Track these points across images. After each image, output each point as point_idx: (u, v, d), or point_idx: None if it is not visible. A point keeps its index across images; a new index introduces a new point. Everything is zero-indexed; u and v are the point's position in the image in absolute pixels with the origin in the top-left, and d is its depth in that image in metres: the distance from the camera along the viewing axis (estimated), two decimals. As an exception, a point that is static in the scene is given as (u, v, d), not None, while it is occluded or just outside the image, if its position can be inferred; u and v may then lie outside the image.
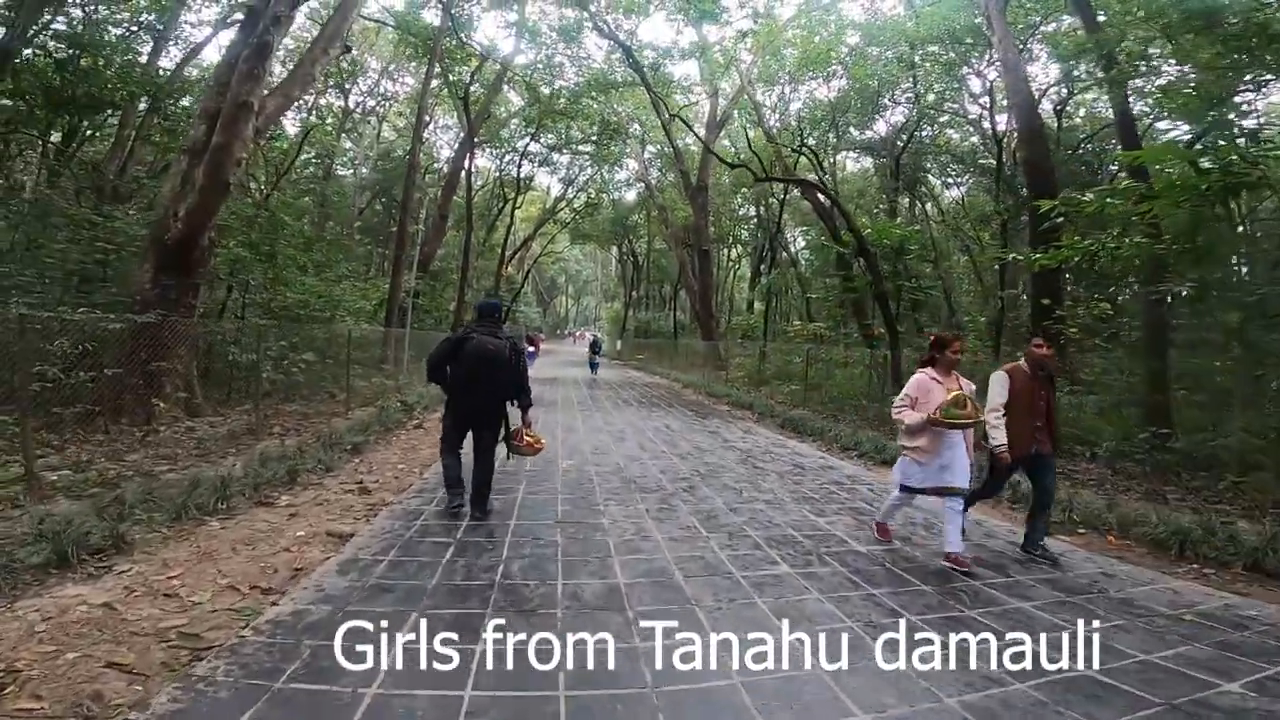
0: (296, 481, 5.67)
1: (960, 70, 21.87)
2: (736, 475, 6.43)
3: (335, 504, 5.09)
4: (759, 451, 7.98)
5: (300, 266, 12.74)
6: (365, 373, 14.38)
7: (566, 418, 10.77)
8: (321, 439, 7.48)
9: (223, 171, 8.11)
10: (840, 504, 5.47)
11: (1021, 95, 15.53)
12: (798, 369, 19.17)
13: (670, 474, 6.37)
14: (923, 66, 22.15)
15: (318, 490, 5.51)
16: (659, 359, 30.48)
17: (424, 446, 7.77)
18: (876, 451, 8.23)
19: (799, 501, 5.45)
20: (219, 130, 8.25)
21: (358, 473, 6.29)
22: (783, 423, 11.07)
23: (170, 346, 7.89)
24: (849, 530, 4.65)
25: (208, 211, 8.08)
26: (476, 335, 4.58)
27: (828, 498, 5.68)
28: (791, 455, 7.91)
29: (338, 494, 5.43)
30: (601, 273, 68.69)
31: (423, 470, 6.45)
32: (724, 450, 7.95)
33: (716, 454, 7.64)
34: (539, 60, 24.64)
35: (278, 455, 6.49)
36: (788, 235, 31.71)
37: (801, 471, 6.85)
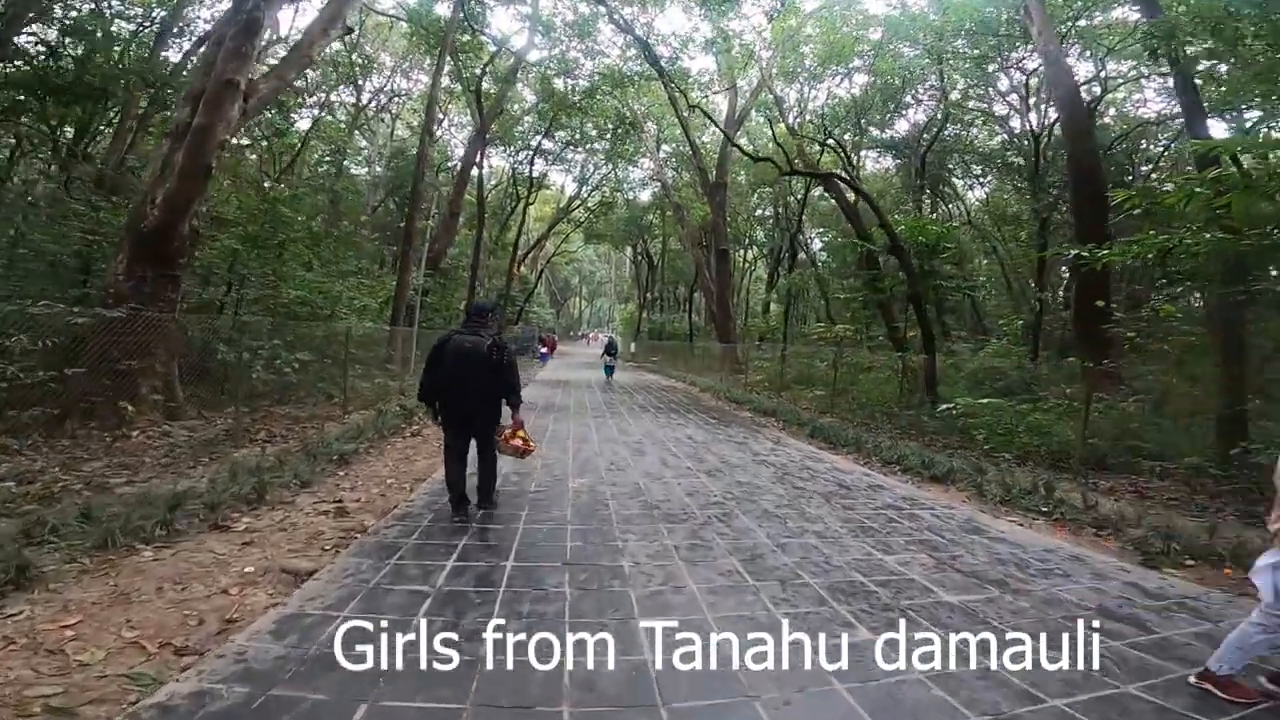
0: (265, 499, 4.90)
1: (990, 65, 20.98)
2: (776, 498, 5.55)
3: (303, 529, 4.31)
4: (794, 467, 7.10)
5: (305, 263, 12.07)
6: (369, 373, 13.69)
7: (578, 426, 9.89)
8: (307, 447, 6.74)
9: (203, 155, 7.41)
10: (906, 536, 4.58)
11: (1065, 87, 14.60)
12: (820, 373, 18.24)
13: (699, 496, 5.48)
14: (950, 61, 21.29)
15: (287, 511, 4.74)
16: (674, 361, 29.62)
17: (419, 457, 6.99)
18: (924, 467, 7.34)
19: (857, 534, 4.57)
20: (201, 110, 7.56)
21: (339, 489, 5.51)
22: (812, 432, 10.18)
23: (145, 344, 7.19)
24: (927, 573, 3.77)
25: (187, 197, 7.37)
26: (455, 335, 4.57)
27: (889, 528, 4.79)
28: (831, 471, 7.03)
29: (309, 516, 4.65)
30: (615, 274, 68.01)
31: (414, 486, 5.66)
32: (756, 466, 7.07)
33: (748, 470, 6.76)
34: (553, 55, 23.93)
35: (252, 466, 5.74)
36: (804, 236, 30.77)
37: (848, 493, 5.97)
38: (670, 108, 25.83)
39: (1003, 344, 15.61)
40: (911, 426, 11.09)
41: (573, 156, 32.51)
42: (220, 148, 7.71)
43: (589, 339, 67.78)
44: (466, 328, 4.65)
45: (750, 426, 10.82)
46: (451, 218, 21.80)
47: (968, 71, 21.69)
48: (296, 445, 7.04)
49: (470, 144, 22.84)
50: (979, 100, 23.60)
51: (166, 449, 6.81)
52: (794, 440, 9.42)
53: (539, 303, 51.46)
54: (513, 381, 4.58)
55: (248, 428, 7.99)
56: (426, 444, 7.77)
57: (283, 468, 5.89)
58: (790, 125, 23.12)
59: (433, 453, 7.32)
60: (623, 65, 24.48)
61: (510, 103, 27.72)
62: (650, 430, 9.57)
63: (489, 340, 4.47)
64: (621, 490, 5.59)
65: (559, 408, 12.25)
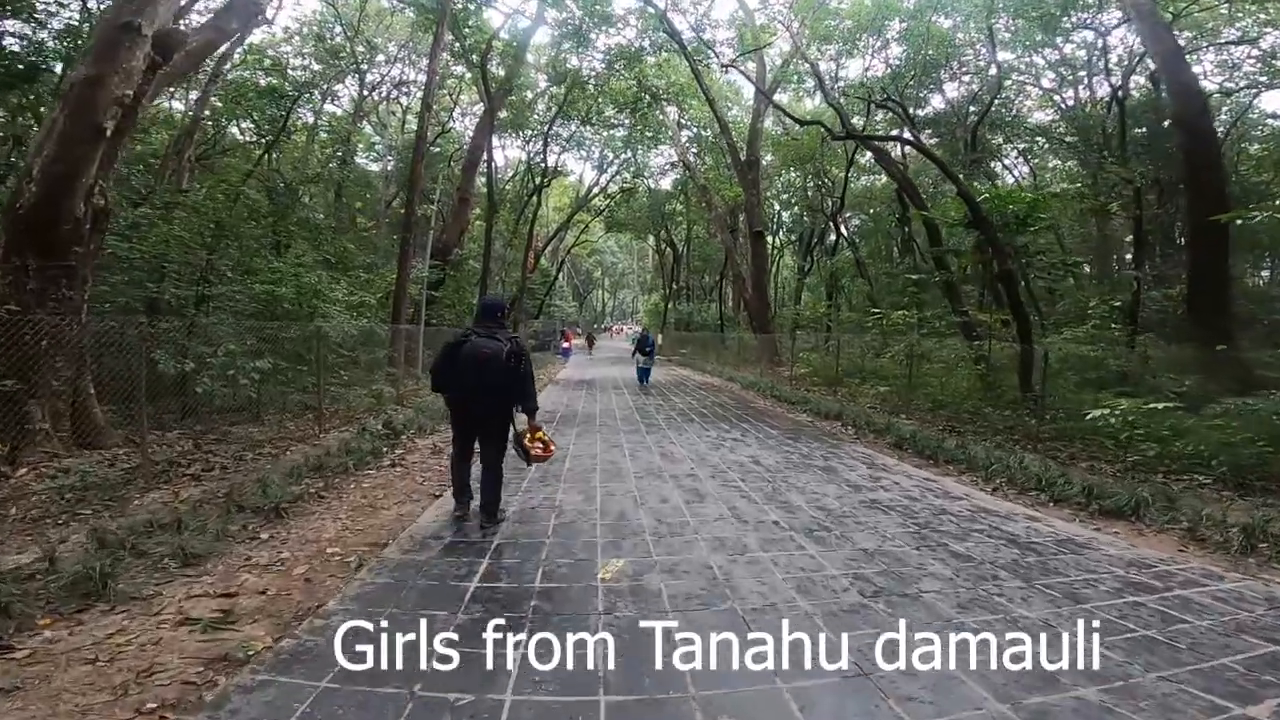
0: (108, 592, 3.06)
1: (1054, 25, 18.76)
2: (941, 586, 3.37)
3: (127, 664, 2.44)
4: (924, 512, 4.89)
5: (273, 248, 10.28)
6: (366, 378, 11.94)
7: (606, 447, 7.51)
8: (234, 492, 4.90)
9: (92, 113, 5.63)
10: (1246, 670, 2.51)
11: (1165, 44, 12.45)
12: (878, 365, 16.04)
13: (820, 593, 3.23)
14: (1005, 19, 19.10)
15: (132, 615, 2.91)
16: (705, 354, 27.48)
17: (389, 502, 5.09)
18: (1087, 496, 5.26)
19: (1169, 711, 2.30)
20: (90, 60, 5.80)
21: (245, 566, 3.64)
22: (898, 442, 8.08)
23: (30, 356, 5.43)
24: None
25: (71, 168, 5.59)
26: (472, 337, 4.31)
27: (1206, 652, 2.69)
28: (977, 514, 4.85)
29: (165, 628, 2.81)
30: (638, 265, 65.99)
31: (365, 559, 3.75)
32: (869, 513, 4.81)
33: (863, 523, 4.53)
34: (565, 31, 21.75)
35: (140, 527, 3.95)
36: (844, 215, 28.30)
37: (1039, 560, 3.83)
38: (690, 88, 23.80)
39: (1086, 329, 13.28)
40: (1013, 431, 8.94)
41: (591, 139, 30.48)
42: (124, 108, 5.88)
43: (612, 332, 65.91)
44: (482, 328, 4.37)
45: (821, 437, 8.67)
46: (461, 204, 19.98)
47: (1024, 33, 19.51)
48: (223, 489, 5.22)
49: (479, 125, 20.99)
50: (1026, 71, 21.62)
51: (55, 493, 5.06)
52: (886, 458, 7.25)
53: (560, 296, 49.75)
54: (529, 388, 4.37)
55: (178, 458, 6.21)
56: (406, 479, 5.88)
57: (181, 529, 4.07)
58: (831, 93, 20.77)
59: (411, 491, 5.44)
60: (640, 40, 22.38)
61: (522, 89, 25.83)
62: (700, 451, 7.34)
63: (508, 346, 4.23)
64: (683, 585, 3.31)
65: (581, 418, 10.18)
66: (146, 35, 5.96)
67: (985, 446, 7.55)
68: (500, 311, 4.58)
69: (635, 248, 60.26)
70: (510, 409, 4.41)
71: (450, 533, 4.17)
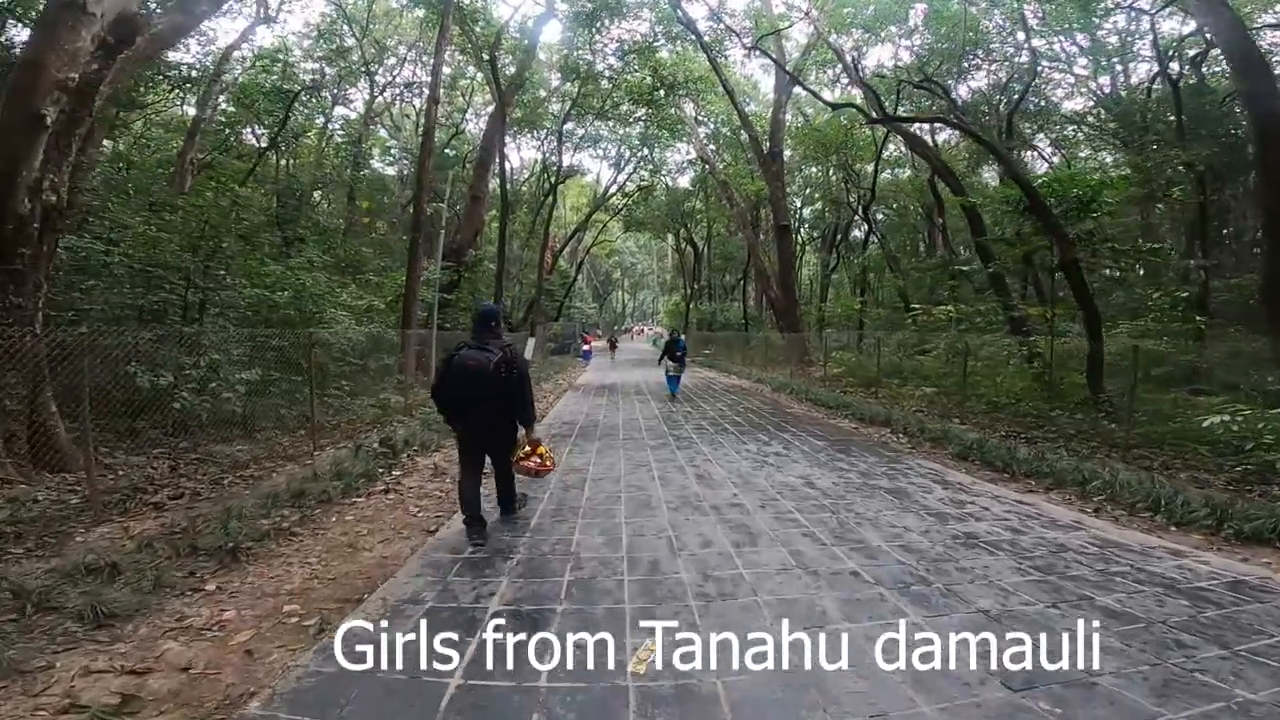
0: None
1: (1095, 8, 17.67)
2: (1124, 671, 2.43)
3: None
4: (1037, 550, 3.83)
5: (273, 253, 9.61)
6: (372, 387, 11.24)
7: (631, 467, 6.49)
8: (191, 528, 4.13)
9: (30, 99, 4.95)
10: None
11: (1223, 16, 11.19)
12: (914, 365, 14.96)
13: (942, 688, 2.36)
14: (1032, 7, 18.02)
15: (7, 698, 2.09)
16: (729, 354, 26.47)
17: (373, 540, 4.26)
18: (1216, 518, 4.32)
19: None
20: (29, 41, 5.17)
21: (173, 632, 2.83)
22: (961, 452, 7.07)
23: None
24: None
25: (10, 159, 4.89)
26: (463, 350, 4.18)
27: None
28: (1107, 551, 3.76)
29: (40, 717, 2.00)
30: (658, 265, 65.09)
31: (332, 620, 2.92)
32: (970, 553, 3.80)
33: (967, 567, 3.57)
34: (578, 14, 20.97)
35: (69, 571, 3.21)
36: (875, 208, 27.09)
37: (1238, 625, 2.81)
38: (707, 80, 22.88)
39: (1145, 322, 12.06)
40: (1088, 437, 7.89)
41: (607, 136, 29.71)
42: (69, 93, 5.17)
43: (633, 333, 65.07)
44: (474, 339, 4.23)
45: (873, 448, 7.63)
46: (474, 202, 19.29)
47: (1054, 19, 18.33)
48: (209, 511, 4.47)
49: (490, 121, 20.32)
50: (1057, 58, 20.33)
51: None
52: (958, 474, 6.20)
53: (580, 297, 49.04)
54: (526, 396, 4.28)
55: (145, 483, 5.47)
56: (398, 508, 5.06)
57: (116, 576, 3.32)
58: (861, 76, 19.68)
59: (401, 526, 4.61)
60: (655, 31, 21.54)
61: (535, 86, 25.17)
62: (742, 471, 6.24)
63: (498, 356, 4.09)
64: (750, 686, 2.36)
65: (603, 430, 9.20)
66: (94, 14, 5.25)
67: (1065, 456, 6.53)
68: (494, 320, 4.33)
69: (654, 247, 59.36)
70: (511, 420, 4.27)
71: (433, 594, 3.26)
